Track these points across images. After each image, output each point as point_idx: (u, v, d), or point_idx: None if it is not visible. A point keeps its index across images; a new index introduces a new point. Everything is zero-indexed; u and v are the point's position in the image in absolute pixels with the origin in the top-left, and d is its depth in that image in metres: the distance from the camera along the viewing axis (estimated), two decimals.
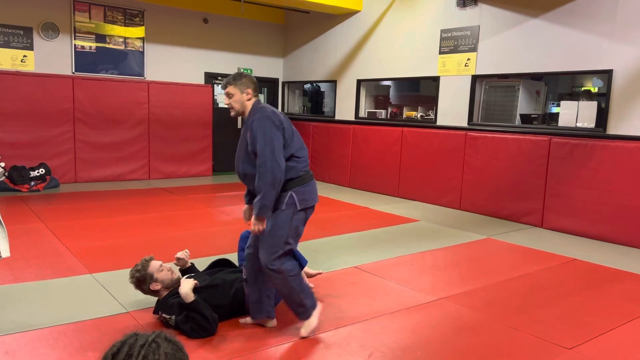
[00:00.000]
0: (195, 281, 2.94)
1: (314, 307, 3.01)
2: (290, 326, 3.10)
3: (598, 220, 5.63)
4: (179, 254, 3.37)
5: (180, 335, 2.85)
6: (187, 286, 2.86)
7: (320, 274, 3.67)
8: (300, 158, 2.95)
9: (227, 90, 3.00)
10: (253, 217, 2.90)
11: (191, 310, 2.83)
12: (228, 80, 3.02)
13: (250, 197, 3.16)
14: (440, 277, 4.18)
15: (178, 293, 2.90)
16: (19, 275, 3.82)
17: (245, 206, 3.20)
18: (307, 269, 3.63)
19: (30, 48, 7.81)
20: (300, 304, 2.95)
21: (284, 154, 2.86)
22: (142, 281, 3.03)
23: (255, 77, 10.87)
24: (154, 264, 3.06)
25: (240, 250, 3.52)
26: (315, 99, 10.54)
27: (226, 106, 3.13)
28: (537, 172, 6.14)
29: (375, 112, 8.62)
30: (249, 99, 3.01)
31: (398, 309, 3.43)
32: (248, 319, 3.11)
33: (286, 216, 2.88)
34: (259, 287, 3.04)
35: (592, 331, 3.18)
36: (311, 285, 3.62)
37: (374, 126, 8.37)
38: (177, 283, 3.03)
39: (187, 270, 3.40)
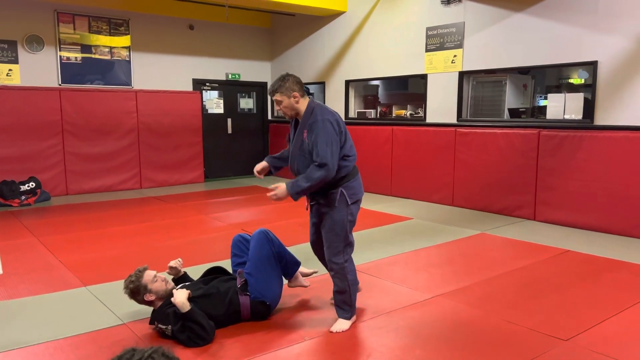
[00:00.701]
0: (189, 291, 2.93)
1: (355, 312, 3.21)
2: (290, 330, 3.10)
3: (589, 211, 5.67)
4: (172, 263, 3.36)
5: (177, 345, 2.84)
6: (182, 296, 2.85)
7: (315, 272, 3.68)
8: (350, 157, 3.10)
9: (274, 98, 3.09)
10: (281, 187, 3.00)
11: (187, 319, 2.82)
12: (274, 87, 3.07)
13: (274, 159, 3.35)
14: (436, 275, 4.19)
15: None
16: (13, 292, 3.79)
17: (264, 162, 3.36)
18: (302, 268, 3.62)
19: (15, 62, 7.76)
20: (350, 303, 3.16)
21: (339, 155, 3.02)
22: (136, 292, 3.01)
23: (243, 81, 10.72)
24: (148, 275, 3.04)
25: (233, 256, 3.51)
26: None
27: (216, 112, 3.19)
28: (527, 165, 6.18)
29: (365, 112, 8.64)
30: (297, 101, 3.07)
31: (395, 308, 3.44)
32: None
33: (341, 214, 3.07)
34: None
35: (587, 322, 3.20)
36: (307, 284, 3.61)
37: (364, 126, 8.39)
38: (171, 293, 3.02)
39: (181, 279, 3.38)
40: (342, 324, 3.12)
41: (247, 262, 3.28)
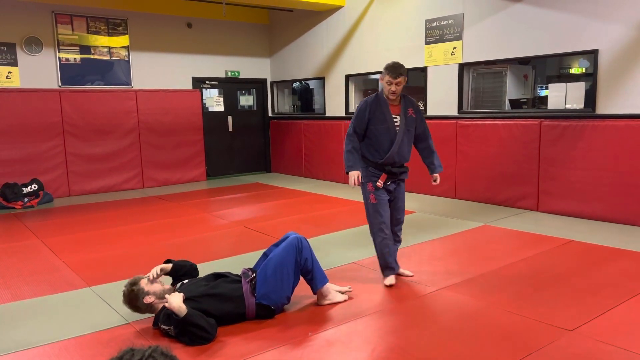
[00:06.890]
0: (182, 294, 2.92)
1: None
2: (294, 326, 3.10)
3: (592, 200, 5.65)
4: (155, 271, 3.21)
5: (181, 343, 2.85)
6: (177, 301, 2.82)
7: (350, 289, 3.60)
8: None
9: (401, 78, 3.72)
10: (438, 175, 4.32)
11: (186, 324, 2.80)
12: (402, 69, 3.72)
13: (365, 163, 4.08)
14: (440, 267, 4.18)
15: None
16: (17, 293, 3.80)
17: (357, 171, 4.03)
18: (334, 285, 3.52)
19: (15, 64, 7.76)
20: None
21: None
22: (135, 297, 3.00)
23: (243, 78, 10.74)
24: (143, 280, 3.06)
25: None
26: (304, 97, 10.52)
27: (217, 110, 3.24)
28: (529, 156, 6.15)
29: None
30: None
31: (399, 302, 3.44)
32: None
33: None
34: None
35: (593, 311, 3.19)
36: (340, 299, 3.46)
37: None
38: (169, 293, 3.02)
39: (173, 271, 3.30)
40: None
41: (267, 260, 3.25)
